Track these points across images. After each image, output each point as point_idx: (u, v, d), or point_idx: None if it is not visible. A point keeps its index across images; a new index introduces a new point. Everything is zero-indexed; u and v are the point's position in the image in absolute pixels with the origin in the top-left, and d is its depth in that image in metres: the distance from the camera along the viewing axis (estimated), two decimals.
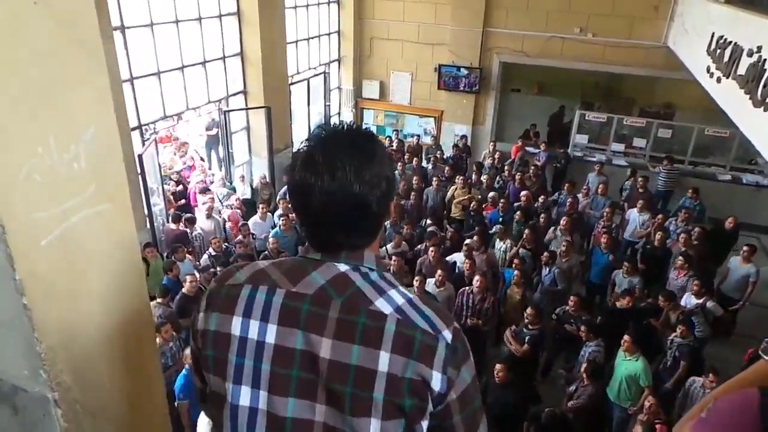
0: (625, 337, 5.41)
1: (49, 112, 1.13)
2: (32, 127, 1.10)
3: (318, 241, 1.12)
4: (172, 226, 7.49)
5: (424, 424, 1.06)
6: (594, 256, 7.51)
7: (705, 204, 9.08)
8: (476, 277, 6.26)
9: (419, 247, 7.45)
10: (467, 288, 6.35)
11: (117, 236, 1.38)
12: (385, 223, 6.64)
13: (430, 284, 6.32)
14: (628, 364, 5.39)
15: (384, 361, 1.01)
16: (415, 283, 6.17)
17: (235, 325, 1.09)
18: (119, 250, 1.39)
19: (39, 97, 1.10)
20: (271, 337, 1.06)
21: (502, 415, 5.06)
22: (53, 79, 1.13)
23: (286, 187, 9.05)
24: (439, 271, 6.33)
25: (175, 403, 4.70)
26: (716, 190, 10.62)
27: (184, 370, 4.81)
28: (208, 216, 7.77)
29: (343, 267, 1.09)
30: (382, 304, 1.05)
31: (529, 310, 5.93)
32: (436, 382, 1.03)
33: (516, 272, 6.55)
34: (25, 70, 1.06)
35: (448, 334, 1.06)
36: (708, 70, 6.83)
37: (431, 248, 6.90)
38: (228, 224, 8.14)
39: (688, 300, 6.37)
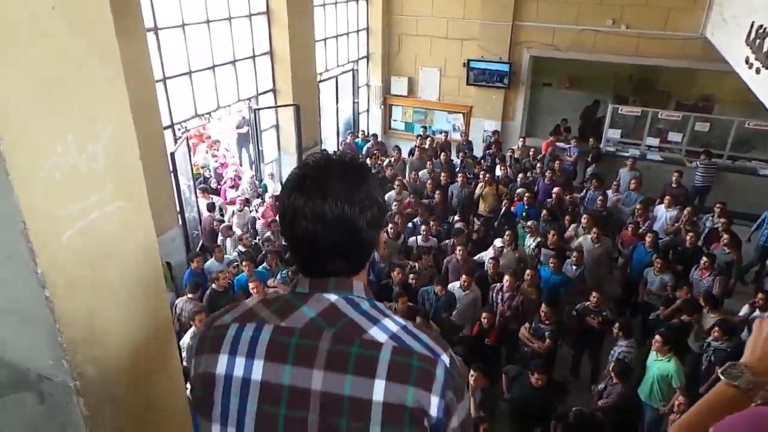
0: (656, 337, 5.30)
1: (67, 112, 1.18)
2: (52, 127, 1.15)
3: (306, 268, 1.11)
4: (207, 214, 7.77)
5: None
6: (636, 254, 7.32)
7: (744, 200, 8.76)
8: (506, 277, 6.22)
9: (446, 242, 7.44)
10: (497, 285, 6.35)
11: (135, 232, 1.43)
12: (415, 220, 6.67)
13: (455, 287, 6.28)
14: (660, 365, 5.28)
15: (379, 390, 0.98)
16: (437, 289, 6.14)
17: (221, 364, 1.05)
18: (137, 245, 1.44)
19: (57, 98, 1.15)
20: (257, 374, 1.03)
21: (527, 409, 5.03)
22: (70, 80, 1.17)
23: None
24: (464, 276, 6.27)
25: None
26: (758, 185, 10.24)
27: None
28: (240, 210, 7.97)
29: (332, 297, 1.07)
30: (376, 333, 1.03)
31: (543, 308, 5.87)
32: (434, 407, 1.00)
33: (528, 271, 6.47)
34: (43, 71, 1.11)
35: (446, 358, 1.04)
36: (747, 61, 6.59)
37: (458, 247, 6.86)
38: (259, 222, 8.29)
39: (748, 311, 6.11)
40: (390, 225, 7.07)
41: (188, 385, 1.21)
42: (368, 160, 10.18)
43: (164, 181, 7.05)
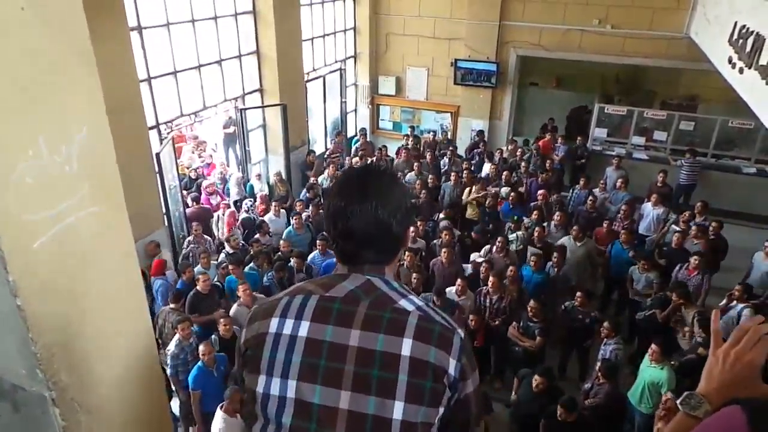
0: (653, 346, 5.26)
1: (38, 113, 1.14)
2: (22, 129, 1.12)
3: (345, 255, 1.29)
4: (191, 204, 7.78)
5: (439, 413, 1.18)
6: (614, 251, 7.38)
7: (728, 197, 8.87)
8: (490, 278, 6.17)
9: (435, 241, 7.43)
10: (483, 288, 6.31)
11: (112, 236, 1.40)
12: None
13: (451, 293, 6.20)
14: (652, 372, 5.23)
15: (407, 346, 1.15)
16: (435, 299, 5.94)
17: (273, 324, 1.22)
18: (115, 250, 1.41)
19: (27, 99, 1.11)
20: (303, 332, 1.19)
21: (530, 415, 5.04)
22: (42, 81, 1.14)
23: (305, 188, 9.21)
24: (459, 281, 6.21)
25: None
26: (741, 183, 10.38)
27: (199, 363, 5.03)
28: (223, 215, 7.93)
29: (368, 277, 1.26)
30: (405, 303, 1.21)
31: (532, 303, 5.86)
32: (452, 368, 1.17)
33: (511, 268, 6.47)
34: (12, 72, 1.08)
35: (461, 332, 1.23)
36: (730, 61, 6.65)
37: (444, 250, 6.79)
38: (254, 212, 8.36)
39: (735, 307, 6.11)
40: None
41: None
42: (356, 160, 10.15)
43: (150, 182, 6.96)
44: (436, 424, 1.19)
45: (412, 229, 1.39)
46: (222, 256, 7.13)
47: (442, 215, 8.37)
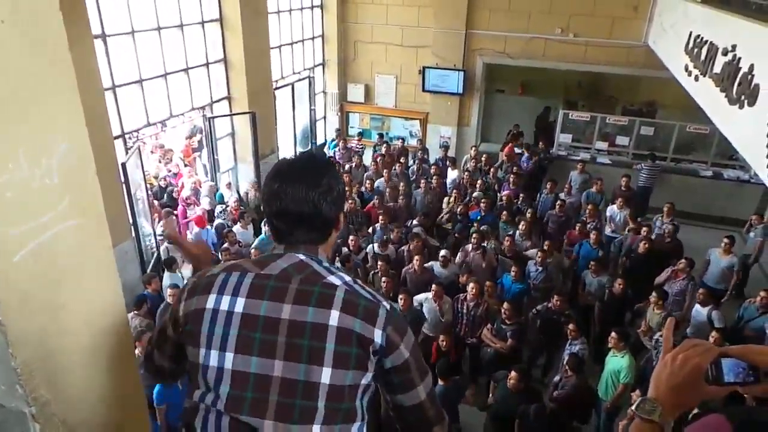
0: (612, 334, 5.46)
1: (18, 127, 1.13)
2: (0, 143, 1.11)
3: (279, 234, 1.38)
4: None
5: (367, 377, 1.28)
6: (582, 251, 7.58)
7: (687, 199, 9.25)
8: (471, 285, 6.19)
9: (403, 248, 7.45)
10: (461, 295, 6.33)
11: (92, 250, 1.39)
12: (376, 225, 6.60)
13: (426, 300, 6.16)
14: (614, 360, 5.45)
15: (334, 317, 1.24)
16: (400, 301, 5.89)
17: (210, 300, 1.29)
18: (95, 263, 1.40)
19: (7, 112, 1.10)
20: (239, 308, 1.26)
21: (504, 414, 5.11)
22: (21, 94, 1.13)
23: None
24: (434, 285, 6.19)
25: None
26: (698, 185, 10.79)
27: None
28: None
29: (302, 256, 1.34)
30: (333, 279, 1.30)
31: (505, 305, 5.94)
32: (377, 336, 1.26)
33: (488, 283, 6.48)
34: None
35: (386, 304, 1.31)
36: (686, 69, 6.93)
37: (416, 257, 6.80)
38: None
39: (697, 311, 6.30)
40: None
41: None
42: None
43: (115, 193, 6.80)
44: (371, 385, 1.30)
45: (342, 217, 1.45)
46: (190, 267, 7.02)
47: (415, 222, 8.44)
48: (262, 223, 7.84)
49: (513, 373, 5.08)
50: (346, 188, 8.73)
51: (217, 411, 1.25)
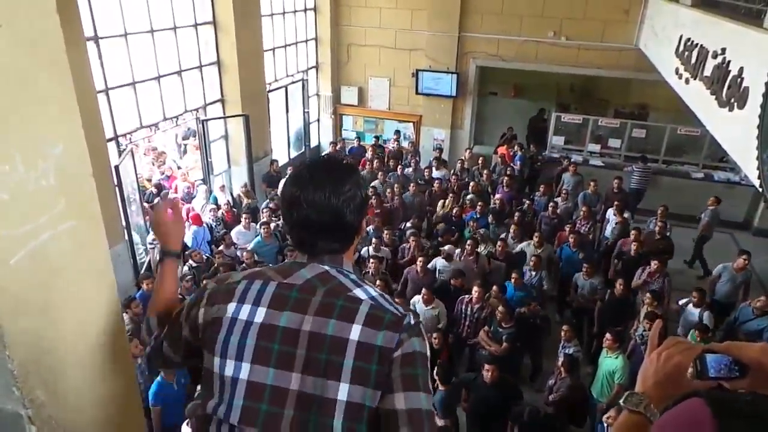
0: (607, 335, 5.49)
1: (14, 129, 1.14)
2: None
3: (302, 244, 1.33)
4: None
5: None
6: (563, 253, 7.66)
7: (678, 201, 9.35)
8: (475, 288, 6.22)
9: (402, 245, 7.49)
10: (466, 296, 6.36)
11: (88, 251, 1.39)
12: (368, 228, 6.59)
13: (418, 302, 6.18)
14: (609, 361, 5.49)
15: (356, 332, 1.19)
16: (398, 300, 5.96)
17: (230, 309, 1.26)
18: (91, 265, 1.40)
19: (3, 115, 1.11)
20: (259, 318, 1.23)
21: (486, 413, 5.12)
22: (18, 97, 1.14)
23: (267, 197, 9.13)
24: (424, 290, 6.20)
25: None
26: (689, 187, 10.88)
27: (158, 378, 4.92)
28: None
29: (327, 267, 1.30)
30: (359, 293, 1.25)
31: (500, 309, 5.97)
32: (398, 341, 1.20)
33: (495, 288, 6.52)
34: None
35: (410, 318, 1.25)
36: (677, 72, 7.00)
37: (419, 259, 6.82)
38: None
39: (690, 312, 6.34)
40: None
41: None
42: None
43: (108, 195, 6.78)
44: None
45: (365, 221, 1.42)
46: (185, 268, 6.99)
47: (409, 224, 8.46)
48: (259, 226, 7.83)
49: (487, 366, 5.11)
50: None
51: (230, 426, 1.22)
